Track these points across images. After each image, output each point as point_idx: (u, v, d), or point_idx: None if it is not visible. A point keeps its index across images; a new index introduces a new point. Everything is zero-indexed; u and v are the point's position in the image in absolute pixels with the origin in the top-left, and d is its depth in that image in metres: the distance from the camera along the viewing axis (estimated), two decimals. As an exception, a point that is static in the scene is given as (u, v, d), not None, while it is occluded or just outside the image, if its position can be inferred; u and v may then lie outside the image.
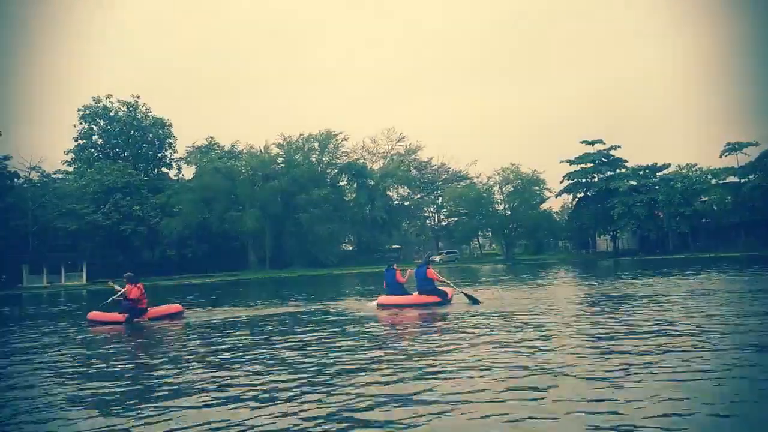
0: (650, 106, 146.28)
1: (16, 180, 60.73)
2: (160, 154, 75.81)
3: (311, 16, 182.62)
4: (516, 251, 74.39)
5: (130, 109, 73.13)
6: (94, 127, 72.40)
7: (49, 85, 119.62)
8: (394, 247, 76.42)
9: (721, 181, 61.07)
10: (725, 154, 61.08)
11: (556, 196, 71.46)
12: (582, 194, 69.13)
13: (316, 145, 70.41)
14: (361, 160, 74.31)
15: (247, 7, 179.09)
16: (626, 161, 67.14)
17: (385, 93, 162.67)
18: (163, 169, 76.67)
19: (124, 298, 13.85)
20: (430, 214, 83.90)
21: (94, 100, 72.03)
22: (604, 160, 67.10)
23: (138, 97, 73.67)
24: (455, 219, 76.44)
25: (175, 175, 76.48)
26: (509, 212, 70.70)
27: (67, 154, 72.82)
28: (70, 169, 71.60)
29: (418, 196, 79.18)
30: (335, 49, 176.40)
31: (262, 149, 70.34)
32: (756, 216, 56.16)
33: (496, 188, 71.76)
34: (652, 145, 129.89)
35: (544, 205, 72.89)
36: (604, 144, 66.63)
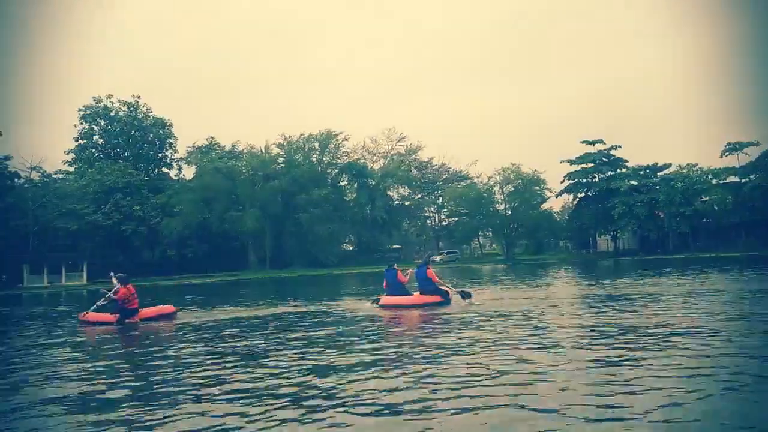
0: (650, 106, 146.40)
1: (16, 180, 60.66)
2: (160, 154, 75.82)
3: (311, 16, 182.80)
4: (516, 251, 74.36)
5: (131, 109, 73.13)
6: (95, 127, 72.42)
7: (49, 85, 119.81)
8: (395, 247, 76.40)
9: (722, 181, 61.02)
10: (726, 154, 61.10)
11: (557, 196, 71.55)
12: (582, 194, 69.09)
13: (317, 145, 70.38)
14: (362, 160, 74.28)
15: (247, 7, 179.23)
16: (627, 161, 67.17)
17: (385, 93, 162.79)
18: (164, 169, 76.66)
19: (108, 300, 13.57)
20: (431, 214, 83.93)
21: (94, 100, 72.10)
22: (605, 160, 67.06)
23: (138, 97, 73.83)
24: (456, 219, 76.43)
25: (175, 175, 76.54)
26: (510, 212, 70.70)
27: (67, 154, 72.97)
28: (71, 169, 71.61)
29: (419, 196, 79.17)
30: (335, 49, 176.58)
31: (263, 149, 70.32)
32: (756, 216, 56.15)
33: (497, 188, 71.79)
34: (653, 145, 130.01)
35: (545, 205, 73.02)
36: (605, 144, 66.62)
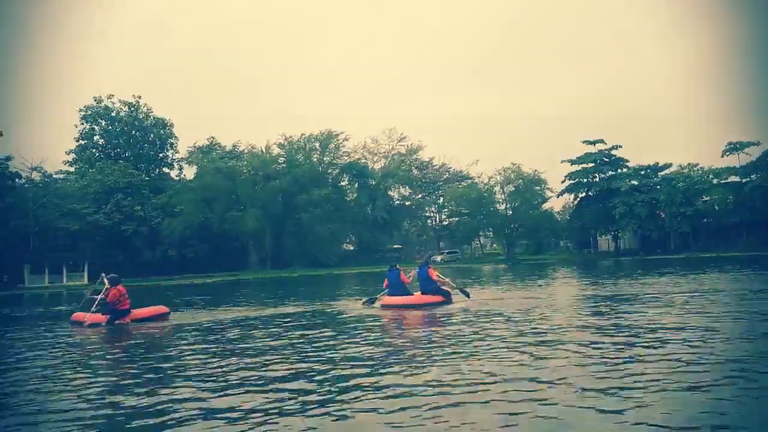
0: (651, 106, 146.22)
1: (17, 180, 60.64)
2: (161, 155, 75.85)
3: (311, 16, 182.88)
4: (517, 251, 74.34)
5: (132, 109, 73.16)
6: (96, 128, 72.46)
7: (49, 86, 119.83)
8: (395, 247, 76.41)
9: (723, 181, 60.91)
10: (726, 154, 61.04)
11: (558, 195, 71.51)
12: (583, 194, 69.04)
13: (317, 145, 70.42)
14: (362, 160, 74.31)
15: (247, 7, 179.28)
16: (628, 161, 67.03)
17: (385, 93, 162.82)
18: (165, 170, 76.68)
19: (101, 300, 13.49)
20: (432, 214, 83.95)
21: (95, 101, 72.15)
22: (606, 159, 66.98)
23: (139, 97, 73.88)
24: (456, 219, 76.46)
25: (176, 176, 76.58)
26: (510, 212, 70.70)
27: (68, 155, 73.03)
28: (72, 170, 71.65)
29: (420, 196, 79.17)
30: (335, 49, 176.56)
31: (264, 149, 70.32)
32: (757, 216, 56.09)
33: (498, 188, 71.85)
34: (654, 145, 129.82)
35: (546, 205, 73.05)
36: (606, 144, 66.54)
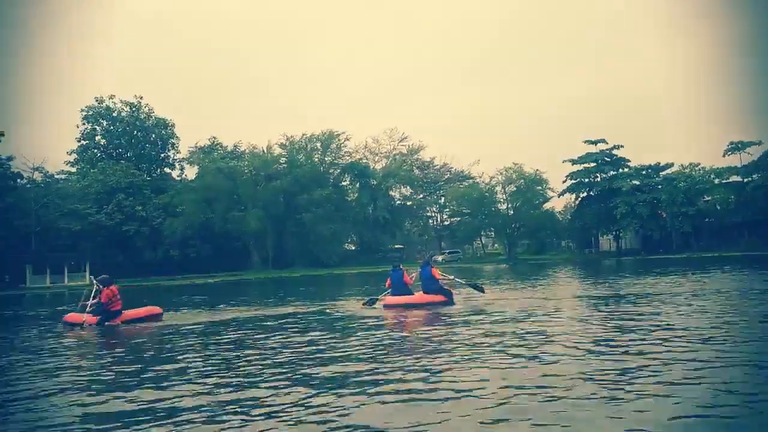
0: (652, 106, 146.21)
1: (19, 180, 60.74)
2: (162, 155, 75.88)
3: (311, 16, 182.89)
4: (519, 251, 74.32)
5: (133, 109, 73.22)
6: (97, 128, 72.55)
7: (50, 86, 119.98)
8: (397, 247, 76.39)
9: (724, 181, 60.82)
10: (728, 154, 60.93)
11: (559, 195, 71.43)
12: (585, 194, 69.00)
13: (319, 145, 70.44)
14: (364, 160, 74.29)
15: (247, 7, 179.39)
16: (629, 161, 66.95)
17: (385, 93, 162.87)
18: (166, 170, 76.73)
19: (95, 303, 13.53)
20: (433, 214, 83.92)
21: (96, 101, 72.22)
22: (607, 159, 66.92)
23: (141, 97, 73.94)
24: (458, 219, 76.44)
25: (177, 176, 76.59)
26: (512, 212, 70.66)
27: (70, 155, 73.05)
28: (73, 170, 71.71)
29: (421, 195, 79.15)
30: (335, 49, 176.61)
31: (265, 149, 70.37)
32: (759, 215, 55.97)
33: (499, 188, 71.79)
34: (655, 145, 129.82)
35: (547, 205, 73.02)
36: (607, 144, 66.51)
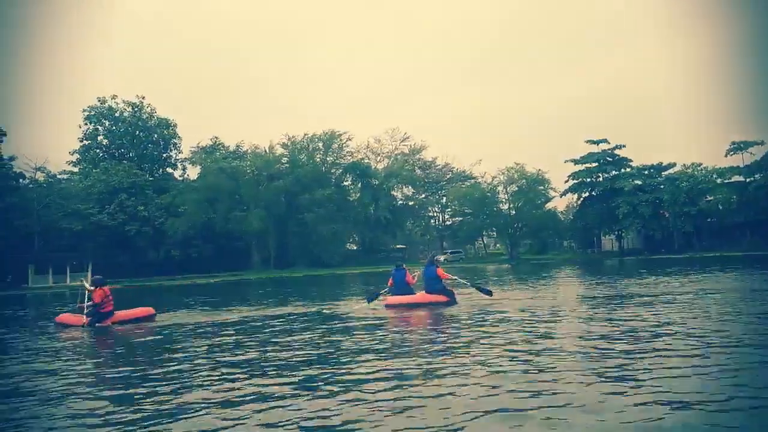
0: (652, 106, 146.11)
1: (21, 180, 60.77)
2: (165, 155, 75.90)
3: (311, 16, 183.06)
4: (520, 251, 74.29)
5: (135, 109, 73.29)
6: (100, 128, 72.59)
7: (51, 86, 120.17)
8: (399, 247, 76.36)
9: (726, 181, 60.79)
10: (730, 153, 60.86)
11: (561, 195, 71.41)
12: (587, 194, 68.98)
13: (321, 145, 70.44)
14: (366, 160, 74.27)
15: (247, 7, 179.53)
16: (631, 161, 66.96)
17: (385, 93, 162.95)
18: (168, 170, 76.73)
19: (90, 304, 13.55)
20: (435, 214, 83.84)
21: (99, 101, 72.31)
22: (609, 159, 66.91)
23: (143, 97, 73.97)
24: (459, 219, 76.42)
25: (180, 176, 76.57)
26: (514, 212, 70.61)
27: (72, 155, 73.06)
28: (75, 170, 71.71)
29: (423, 195, 79.08)
30: (335, 49, 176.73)
31: (267, 149, 70.37)
32: (761, 215, 55.89)
33: (501, 188, 71.74)
34: (657, 145, 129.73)
35: (549, 205, 72.93)
36: (609, 143, 66.49)
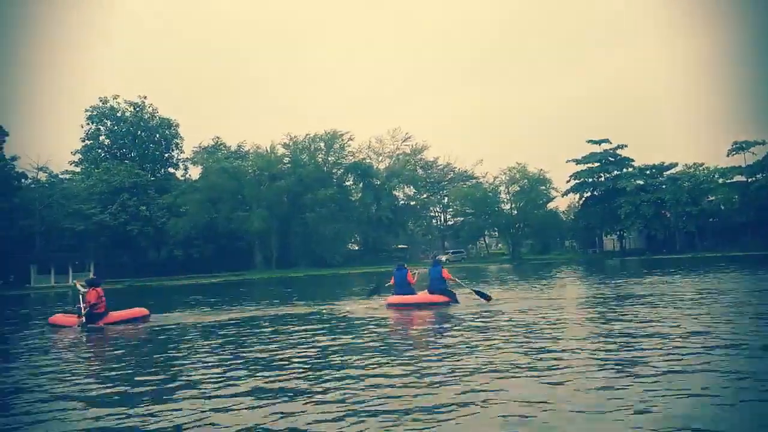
0: (652, 106, 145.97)
1: (23, 180, 60.81)
2: (166, 155, 75.93)
3: (311, 16, 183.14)
4: (522, 251, 74.20)
5: (137, 109, 73.37)
6: (101, 128, 72.66)
7: (50, 86, 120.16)
8: (401, 247, 76.32)
9: (729, 180, 60.73)
10: (732, 153, 60.81)
11: (563, 195, 71.32)
12: (588, 194, 68.91)
13: (322, 145, 70.37)
14: (367, 160, 74.14)
15: (247, 7, 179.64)
16: (633, 160, 66.84)
17: (385, 93, 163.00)
18: (170, 170, 76.77)
19: (84, 303, 13.52)
20: (436, 214, 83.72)
21: (101, 101, 72.38)
22: (611, 159, 66.81)
23: (145, 97, 74.10)
24: (461, 219, 76.32)
25: (181, 176, 76.59)
26: (515, 212, 70.47)
27: (74, 155, 73.18)
28: (78, 170, 71.73)
29: (424, 195, 78.96)
30: (335, 49, 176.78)
31: (269, 149, 70.29)
32: (763, 215, 55.79)
33: (503, 188, 71.62)
34: (659, 145, 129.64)
35: (551, 205, 72.77)
36: (611, 143, 66.41)
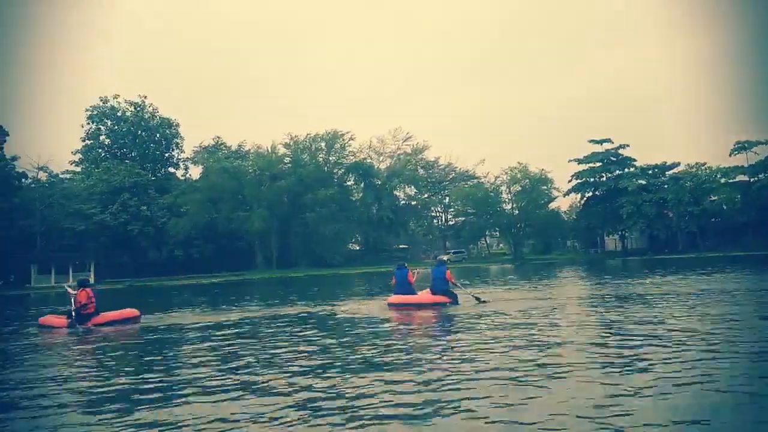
0: (653, 106, 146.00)
1: (24, 180, 60.84)
2: (167, 154, 75.96)
3: (311, 16, 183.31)
4: (524, 251, 74.11)
5: (138, 109, 73.40)
6: (102, 128, 72.70)
7: (50, 86, 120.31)
8: (402, 247, 76.26)
9: (731, 180, 60.60)
10: (734, 153, 60.66)
11: (564, 195, 71.26)
12: (590, 193, 68.81)
13: (323, 144, 70.33)
14: (368, 160, 74.06)
15: (247, 7, 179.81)
16: (635, 160, 66.71)
17: (385, 93, 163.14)
18: (171, 169, 76.81)
19: (75, 304, 13.52)
20: (438, 214, 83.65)
21: (101, 101, 72.41)
22: (613, 159, 66.69)
23: (145, 97, 74.15)
24: (462, 219, 76.23)
25: (182, 175, 76.61)
26: (517, 212, 70.38)
27: (74, 155, 73.22)
28: (78, 170, 71.76)
29: (425, 195, 78.87)
30: (335, 49, 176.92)
31: (269, 149, 70.25)
32: (765, 215, 55.64)
33: (504, 188, 71.52)
34: (661, 145, 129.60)
35: (552, 205, 72.65)
36: (613, 143, 66.29)
